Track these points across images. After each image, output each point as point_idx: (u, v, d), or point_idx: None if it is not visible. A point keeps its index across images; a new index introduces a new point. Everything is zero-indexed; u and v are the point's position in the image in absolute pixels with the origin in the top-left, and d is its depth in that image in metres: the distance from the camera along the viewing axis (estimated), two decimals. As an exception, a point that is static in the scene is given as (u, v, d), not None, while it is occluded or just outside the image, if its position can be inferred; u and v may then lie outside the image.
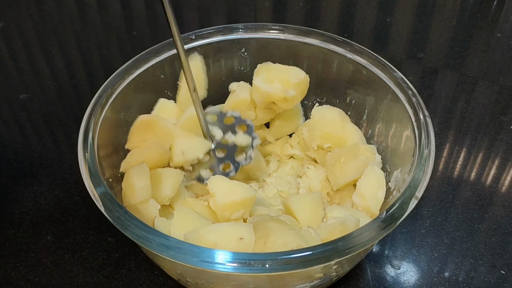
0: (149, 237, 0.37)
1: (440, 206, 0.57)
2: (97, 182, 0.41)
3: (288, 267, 0.35)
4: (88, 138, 0.44)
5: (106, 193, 0.40)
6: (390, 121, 0.52)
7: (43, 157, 0.63)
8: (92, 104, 0.48)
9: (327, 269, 0.41)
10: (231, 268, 0.35)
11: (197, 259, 0.35)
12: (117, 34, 0.85)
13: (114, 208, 0.39)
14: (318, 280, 0.43)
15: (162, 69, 0.55)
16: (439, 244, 0.54)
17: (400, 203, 0.39)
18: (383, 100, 0.52)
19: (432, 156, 0.43)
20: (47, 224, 0.55)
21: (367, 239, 0.37)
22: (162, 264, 0.43)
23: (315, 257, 0.35)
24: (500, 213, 0.56)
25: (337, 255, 0.36)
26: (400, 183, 0.47)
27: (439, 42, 0.82)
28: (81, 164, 0.42)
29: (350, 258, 0.40)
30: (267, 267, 0.34)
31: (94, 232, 0.55)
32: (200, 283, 0.43)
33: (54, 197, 0.58)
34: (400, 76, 0.50)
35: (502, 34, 0.84)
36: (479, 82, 0.74)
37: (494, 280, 0.51)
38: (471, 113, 0.69)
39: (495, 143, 0.65)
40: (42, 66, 0.77)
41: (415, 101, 0.47)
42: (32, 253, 0.53)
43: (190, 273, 0.42)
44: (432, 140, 0.44)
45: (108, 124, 0.48)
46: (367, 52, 0.53)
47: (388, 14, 0.88)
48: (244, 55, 0.58)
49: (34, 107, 0.70)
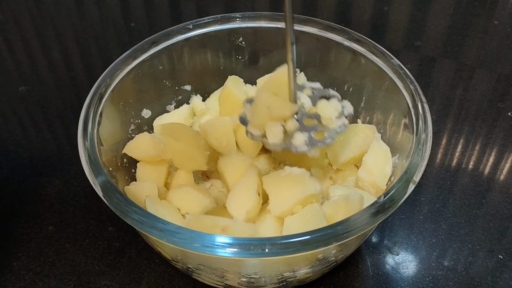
0: (147, 222, 0.37)
1: (438, 192, 0.58)
2: (97, 170, 0.41)
3: (288, 251, 0.35)
4: (88, 127, 0.45)
5: (106, 181, 0.41)
6: (388, 107, 0.52)
7: (42, 148, 0.63)
8: (91, 93, 0.48)
9: (326, 252, 0.41)
10: (231, 253, 0.35)
11: (198, 244, 0.35)
12: (115, 25, 0.85)
13: (114, 196, 0.39)
14: (316, 265, 0.43)
15: (160, 59, 0.55)
16: (438, 230, 0.54)
17: (398, 187, 0.40)
18: (380, 87, 0.52)
19: (429, 141, 0.43)
20: (48, 215, 0.56)
21: (365, 222, 0.37)
22: (164, 249, 0.44)
23: (314, 240, 0.35)
24: (498, 199, 0.57)
25: (335, 239, 0.36)
26: (398, 169, 0.47)
27: (437, 30, 0.82)
28: (81, 152, 0.43)
29: (349, 242, 0.40)
30: (267, 252, 0.35)
31: (95, 222, 0.55)
32: (201, 269, 0.43)
33: (54, 188, 0.58)
34: (397, 63, 0.50)
35: (500, 22, 0.84)
36: (476, 70, 0.74)
37: (492, 264, 0.51)
38: (469, 101, 0.69)
39: (493, 130, 0.65)
40: (41, 59, 0.78)
41: (413, 88, 0.47)
42: (33, 243, 0.53)
43: (190, 259, 0.42)
44: (429, 125, 0.44)
45: (108, 113, 0.48)
46: (364, 40, 0.53)
47: (385, 3, 0.88)
48: (241, 44, 0.58)
49: (33, 99, 0.70)
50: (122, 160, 0.51)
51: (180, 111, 0.58)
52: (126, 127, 0.54)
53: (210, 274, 0.44)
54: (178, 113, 0.58)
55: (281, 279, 0.44)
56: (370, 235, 0.54)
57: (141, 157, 0.50)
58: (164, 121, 0.56)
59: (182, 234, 0.36)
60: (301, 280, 0.46)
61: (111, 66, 0.51)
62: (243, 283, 0.44)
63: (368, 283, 0.50)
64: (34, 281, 0.50)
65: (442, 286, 0.50)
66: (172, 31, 0.55)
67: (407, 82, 0.48)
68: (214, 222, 0.42)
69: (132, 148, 0.50)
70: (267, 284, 0.44)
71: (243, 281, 0.44)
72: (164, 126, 0.49)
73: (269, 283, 0.44)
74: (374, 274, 0.51)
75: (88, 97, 0.48)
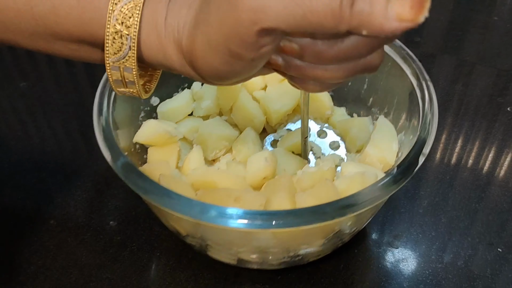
0: (162, 196, 0.39)
1: (438, 186, 0.58)
2: (115, 151, 0.42)
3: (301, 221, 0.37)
4: (103, 109, 0.46)
5: (125, 162, 0.41)
6: (392, 88, 0.53)
7: (43, 143, 0.64)
8: (103, 80, 0.49)
9: (340, 225, 0.43)
10: (243, 224, 0.36)
11: (214, 214, 0.37)
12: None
13: (133, 175, 0.40)
14: (329, 239, 0.44)
15: None
16: (437, 223, 0.54)
17: (409, 159, 0.41)
18: (383, 68, 0.52)
19: (435, 118, 0.44)
20: (49, 209, 0.56)
21: (379, 193, 0.38)
22: (181, 224, 0.45)
23: (331, 210, 0.37)
24: (497, 193, 0.57)
25: (350, 210, 0.37)
26: (405, 146, 0.48)
27: (436, 26, 0.82)
28: (98, 134, 0.44)
29: (362, 215, 0.42)
30: (281, 222, 0.36)
31: (96, 216, 0.55)
32: (217, 243, 0.45)
33: (55, 182, 0.59)
34: (399, 44, 0.51)
35: (499, 18, 0.84)
36: (476, 65, 0.74)
37: (492, 257, 0.51)
38: (469, 96, 0.69)
39: (493, 124, 0.65)
40: (40, 54, 0.78)
41: (416, 67, 0.48)
42: (35, 237, 0.53)
43: (207, 233, 0.44)
44: (434, 102, 0.45)
45: (120, 100, 0.49)
46: None
47: (385, -1, 0.88)
48: None
49: (34, 95, 0.70)
50: (135, 146, 0.52)
51: (182, 96, 0.58)
52: (136, 114, 0.54)
53: (224, 248, 0.45)
54: (180, 98, 0.58)
55: (292, 255, 0.45)
56: (371, 229, 0.54)
57: (151, 140, 0.51)
58: (168, 107, 0.57)
59: (197, 206, 0.37)
60: (312, 254, 0.47)
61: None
62: (255, 260, 0.46)
63: (368, 276, 0.50)
64: (35, 275, 0.50)
65: (442, 278, 0.50)
66: None
67: (411, 62, 0.49)
68: (227, 193, 0.42)
69: (141, 134, 0.51)
70: (278, 259, 0.46)
71: (253, 257, 0.46)
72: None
73: (281, 258, 0.46)
74: (374, 267, 0.51)
75: (101, 84, 0.48)
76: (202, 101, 0.58)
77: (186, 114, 0.58)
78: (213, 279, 0.50)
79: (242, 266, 0.50)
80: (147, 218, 0.55)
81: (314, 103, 0.57)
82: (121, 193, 0.57)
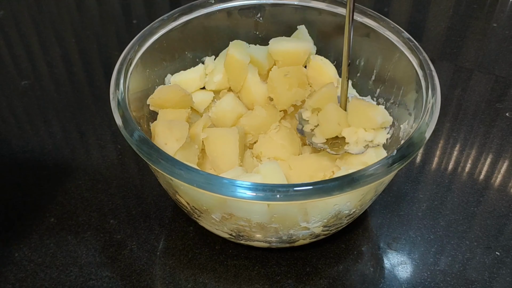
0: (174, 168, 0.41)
1: (436, 190, 0.58)
2: (131, 126, 0.44)
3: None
4: (120, 84, 0.48)
5: (141, 135, 0.43)
6: (398, 78, 0.54)
7: (45, 142, 0.64)
8: (121, 59, 0.50)
9: (342, 203, 0.44)
10: (252, 196, 0.39)
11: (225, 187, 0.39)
12: (116, 23, 0.86)
13: (149, 148, 0.42)
14: (332, 218, 0.46)
15: (182, 31, 0.57)
16: (436, 226, 0.55)
17: (412, 140, 0.43)
18: (391, 59, 0.54)
19: (438, 105, 0.46)
20: (50, 207, 0.56)
21: (380, 171, 0.40)
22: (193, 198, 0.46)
23: (338, 183, 0.39)
24: (495, 197, 0.58)
25: (353, 186, 0.39)
26: (408, 131, 0.50)
27: (436, 31, 0.83)
28: (114, 109, 0.45)
29: (359, 195, 0.44)
30: (278, 197, 0.38)
31: (96, 214, 0.55)
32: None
33: (56, 181, 0.59)
34: (407, 36, 0.53)
35: (498, 24, 0.85)
36: (475, 71, 0.75)
37: (489, 261, 0.52)
38: (467, 101, 0.70)
39: (491, 129, 0.66)
40: (41, 54, 0.78)
41: (422, 58, 0.50)
42: (35, 234, 0.53)
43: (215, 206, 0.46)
44: (437, 90, 0.47)
45: (135, 76, 0.51)
46: (374, 14, 0.56)
47: (385, 4, 0.89)
48: (260, 20, 0.60)
49: (35, 94, 0.70)
50: (148, 123, 0.53)
51: (196, 69, 0.60)
52: (150, 91, 0.55)
53: (222, 220, 0.47)
54: (194, 71, 0.59)
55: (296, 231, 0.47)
56: (370, 231, 0.54)
57: (164, 99, 0.52)
58: (181, 78, 0.58)
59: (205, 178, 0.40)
60: (315, 235, 0.49)
61: (139, 35, 0.54)
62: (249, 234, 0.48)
63: (367, 278, 0.51)
64: (35, 272, 0.50)
65: (440, 281, 0.50)
66: (194, 5, 0.58)
67: (417, 53, 0.51)
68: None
69: (155, 94, 0.52)
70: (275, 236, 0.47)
71: (258, 237, 0.48)
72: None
73: (283, 235, 0.47)
74: (373, 269, 0.51)
75: (119, 61, 0.50)
76: (214, 76, 0.59)
77: (198, 87, 0.59)
78: (212, 279, 0.50)
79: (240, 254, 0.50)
80: (147, 217, 0.55)
81: (320, 75, 0.58)
82: (121, 192, 0.58)
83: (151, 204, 0.56)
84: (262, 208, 0.43)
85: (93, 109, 0.69)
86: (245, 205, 0.43)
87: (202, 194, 0.43)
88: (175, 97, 0.52)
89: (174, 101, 0.52)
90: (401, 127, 0.52)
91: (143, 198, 0.57)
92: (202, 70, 0.59)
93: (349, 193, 0.40)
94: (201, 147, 0.52)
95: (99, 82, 0.73)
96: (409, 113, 0.51)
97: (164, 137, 0.47)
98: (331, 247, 0.53)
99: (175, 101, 0.52)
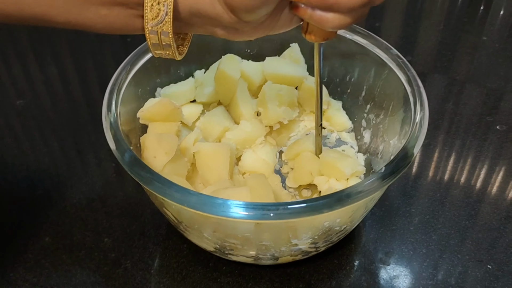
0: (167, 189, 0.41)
1: (428, 204, 0.59)
2: (122, 146, 0.44)
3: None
4: (112, 107, 0.48)
5: (132, 156, 0.44)
6: (387, 94, 0.55)
7: (40, 160, 0.64)
8: (113, 78, 0.51)
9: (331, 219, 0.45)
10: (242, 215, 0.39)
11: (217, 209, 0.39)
12: (111, 41, 0.87)
13: (139, 169, 0.43)
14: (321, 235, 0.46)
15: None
16: (428, 241, 0.55)
17: (400, 157, 0.43)
18: (380, 76, 0.55)
19: (426, 120, 0.47)
20: (44, 226, 0.56)
21: (368, 188, 0.41)
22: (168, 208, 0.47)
23: (328, 201, 0.40)
24: (487, 210, 0.58)
25: (343, 203, 0.40)
26: (398, 146, 0.50)
27: (427, 45, 0.84)
28: (106, 130, 0.46)
29: (348, 212, 0.45)
30: (273, 215, 0.39)
31: (91, 233, 0.56)
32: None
33: (50, 200, 0.59)
34: (396, 53, 0.53)
35: (488, 38, 0.86)
36: (466, 85, 0.76)
37: (481, 274, 0.52)
38: (459, 115, 0.71)
39: (483, 143, 0.66)
40: (37, 73, 0.79)
41: (410, 75, 0.51)
42: (30, 254, 0.54)
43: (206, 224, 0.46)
44: (425, 106, 0.48)
45: (127, 94, 0.52)
46: (364, 32, 0.57)
47: (377, 19, 0.90)
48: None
49: (31, 113, 0.71)
50: (139, 136, 0.53)
51: (186, 82, 0.61)
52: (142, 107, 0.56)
53: (212, 236, 0.47)
54: (185, 83, 0.60)
55: (290, 247, 0.47)
56: (363, 246, 0.55)
57: (154, 112, 0.52)
58: (172, 90, 0.59)
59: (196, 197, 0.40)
60: (306, 252, 0.49)
61: (132, 55, 0.54)
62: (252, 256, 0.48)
63: (360, 293, 0.51)
64: (30, 292, 0.51)
65: (433, 295, 0.50)
66: None
67: (405, 70, 0.51)
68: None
69: (145, 108, 0.53)
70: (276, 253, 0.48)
71: (251, 254, 0.48)
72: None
73: (277, 252, 0.47)
74: (366, 284, 0.52)
75: (111, 82, 0.51)
76: (204, 88, 0.60)
77: (188, 100, 0.60)
78: (206, 296, 0.51)
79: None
80: (142, 235, 0.55)
81: (311, 98, 0.58)
82: (115, 211, 0.58)
83: (146, 222, 0.57)
84: (251, 226, 0.43)
85: (89, 127, 0.69)
86: (234, 223, 0.43)
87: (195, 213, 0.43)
88: (165, 111, 0.52)
89: (164, 115, 0.52)
90: (391, 142, 0.52)
91: (137, 216, 0.57)
92: (192, 83, 0.60)
93: (339, 210, 0.40)
94: (191, 161, 0.52)
95: (95, 100, 0.74)
96: (398, 129, 0.52)
97: (153, 150, 0.48)
98: (324, 263, 0.53)
99: (165, 115, 0.52)
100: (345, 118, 0.61)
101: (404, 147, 0.44)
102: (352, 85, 0.60)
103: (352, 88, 0.60)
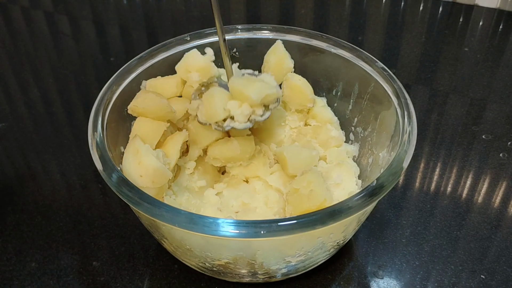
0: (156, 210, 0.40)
1: (419, 215, 0.59)
2: (109, 167, 0.44)
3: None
4: (98, 126, 0.47)
5: (120, 177, 0.43)
6: (375, 107, 0.55)
7: (23, 185, 0.63)
8: (98, 99, 0.50)
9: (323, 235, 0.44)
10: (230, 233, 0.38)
11: (202, 223, 0.39)
12: (94, 61, 0.86)
13: (126, 189, 0.42)
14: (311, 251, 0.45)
15: (159, 68, 0.57)
16: (420, 252, 0.55)
17: (390, 172, 0.43)
18: (367, 89, 0.55)
19: (414, 133, 0.47)
20: (31, 251, 0.55)
21: (357, 204, 0.40)
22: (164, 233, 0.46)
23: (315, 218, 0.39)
24: (477, 220, 0.58)
25: (335, 218, 0.39)
26: (387, 159, 0.50)
27: (410, 58, 0.85)
28: (93, 150, 0.45)
29: (343, 227, 0.45)
30: (262, 234, 0.38)
31: (79, 257, 0.54)
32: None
33: (36, 224, 0.58)
34: (381, 66, 0.54)
35: (469, 49, 0.87)
36: (450, 95, 0.77)
37: (475, 284, 0.52)
38: (444, 125, 0.71)
39: (469, 152, 0.67)
40: (19, 95, 0.78)
41: (397, 87, 0.51)
42: (16, 280, 0.52)
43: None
44: (413, 118, 0.48)
45: (112, 115, 0.51)
46: (348, 46, 0.57)
47: (359, 33, 0.91)
48: (236, 54, 0.62)
49: (13, 135, 0.70)
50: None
51: (173, 77, 0.58)
52: (128, 130, 0.54)
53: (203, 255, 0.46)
54: (170, 78, 0.58)
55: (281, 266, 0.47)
56: (355, 260, 0.54)
57: (145, 106, 0.51)
58: (156, 83, 0.57)
59: (185, 216, 0.39)
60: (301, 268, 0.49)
61: (116, 74, 0.54)
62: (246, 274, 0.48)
63: (355, 308, 0.50)
64: (17, 320, 0.49)
65: (428, 308, 0.50)
66: (170, 42, 0.58)
67: (392, 82, 0.52)
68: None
69: (136, 100, 0.51)
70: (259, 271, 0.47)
71: (244, 272, 0.47)
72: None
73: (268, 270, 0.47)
74: (360, 298, 0.51)
75: (96, 102, 0.50)
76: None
77: (174, 94, 0.57)
78: (199, 317, 0.50)
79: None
80: (131, 257, 0.54)
81: (296, 95, 0.58)
82: (103, 233, 0.57)
83: (135, 243, 0.56)
84: (243, 244, 0.43)
85: (73, 148, 0.68)
86: (226, 242, 0.43)
87: (185, 233, 0.43)
88: (156, 107, 0.51)
89: (154, 110, 0.51)
90: (380, 155, 0.52)
91: (126, 238, 0.56)
92: (179, 78, 0.57)
93: (332, 226, 0.40)
94: (176, 161, 0.52)
95: (79, 121, 0.73)
96: (387, 141, 0.52)
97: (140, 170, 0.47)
98: (317, 278, 0.52)
99: (156, 110, 0.51)
100: (330, 114, 0.60)
101: (394, 160, 0.44)
102: (338, 99, 0.60)
103: (339, 102, 0.60)
